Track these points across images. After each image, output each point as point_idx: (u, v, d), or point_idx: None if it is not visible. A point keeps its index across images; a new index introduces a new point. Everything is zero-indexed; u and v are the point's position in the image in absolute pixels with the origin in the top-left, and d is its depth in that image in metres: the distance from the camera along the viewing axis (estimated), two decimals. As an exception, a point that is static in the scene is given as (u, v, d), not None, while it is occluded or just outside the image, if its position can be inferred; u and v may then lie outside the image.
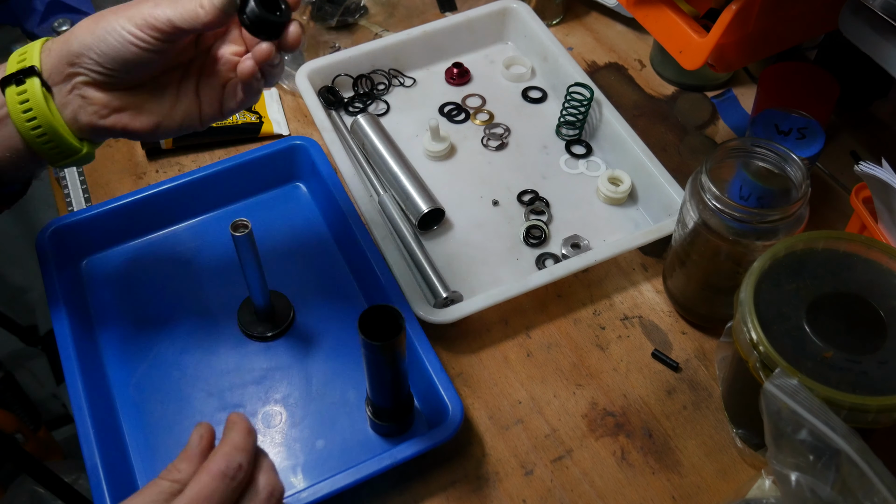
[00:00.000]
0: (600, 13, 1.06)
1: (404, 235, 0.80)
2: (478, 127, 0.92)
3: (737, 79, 0.98)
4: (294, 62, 0.96)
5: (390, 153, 0.84)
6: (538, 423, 0.70)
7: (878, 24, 0.62)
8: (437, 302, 0.75)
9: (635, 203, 0.84)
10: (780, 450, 0.52)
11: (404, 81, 0.96)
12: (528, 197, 0.85)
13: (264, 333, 0.74)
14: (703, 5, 0.73)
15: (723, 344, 0.67)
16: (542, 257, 0.80)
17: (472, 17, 0.96)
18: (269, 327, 0.75)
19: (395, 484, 0.67)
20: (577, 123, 0.88)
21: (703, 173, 0.64)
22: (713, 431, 0.70)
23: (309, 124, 0.94)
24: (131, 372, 0.73)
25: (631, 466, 0.68)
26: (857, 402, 0.52)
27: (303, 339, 0.75)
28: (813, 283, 0.59)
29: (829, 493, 0.49)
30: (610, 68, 0.99)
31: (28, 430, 1.28)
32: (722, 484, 0.67)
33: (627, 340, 0.75)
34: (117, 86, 0.60)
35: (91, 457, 0.63)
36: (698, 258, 0.70)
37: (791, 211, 0.63)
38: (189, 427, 0.69)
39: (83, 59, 0.58)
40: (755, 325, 0.56)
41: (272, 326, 0.75)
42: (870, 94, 0.92)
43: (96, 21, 0.58)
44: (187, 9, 0.57)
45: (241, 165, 0.82)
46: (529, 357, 0.74)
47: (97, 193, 0.88)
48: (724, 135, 0.92)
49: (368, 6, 1.05)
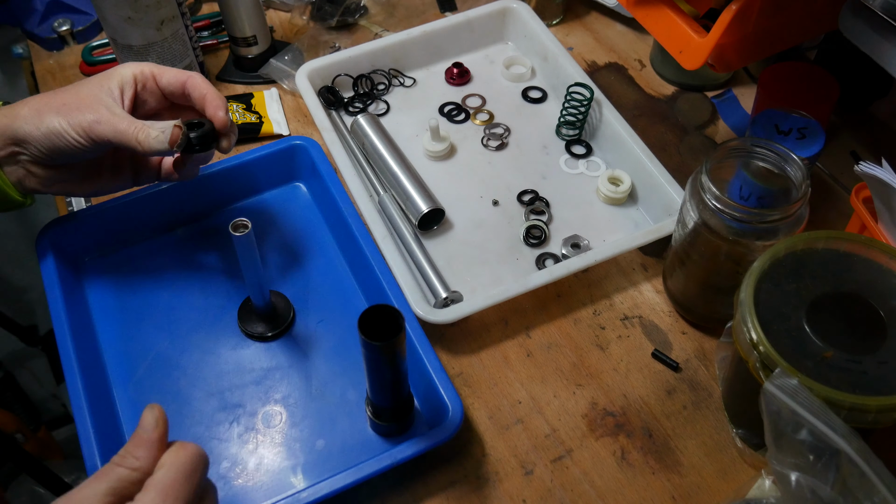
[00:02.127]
0: (600, 13, 1.06)
1: (404, 235, 0.80)
2: (478, 127, 0.92)
3: (737, 79, 0.98)
4: (294, 62, 0.96)
5: (390, 153, 0.84)
6: (538, 423, 0.70)
7: (878, 24, 0.62)
8: (437, 302, 0.75)
9: (635, 203, 0.84)
10: (780, 450, 0.52)
11: (404, 81, 0.96)
12: (528, 197, 0.85)
13: (264, 333, 0.74)
14: (703, 5, 0.73)
15: (723, 344, 0.67)
16: (542, 257, 0.80)
17: (472, 17, 0.96)
18: (270, 327, 0.74)
19: (394, 484, 0.67)
20: (577, 123, 0.88)
21: (703, 173, 0.64)
22: (713, 431, 0.70)
23: (309, 124, 0.94)
24: (131, 372, 0.73)
25: (631, 466, 0.68)
26: (857, 402, 0.52)
27: (303, 339, 0.75)
28: (813, 283, 0.59)
29: (829, 493, 0.49)
30: (610, 68, 0.99)
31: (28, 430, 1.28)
32: (722, 484, 0.67)
33: (627, 340, 0.75)
34: (59, 166, 0.66)
35: (91, 457, 0.63)
36: (698, 258, 0.70)
37: (791, 211, 0.63)
38: (189, 427, 0.69)
39: (27, 146, 0.63)
40: (755, 325, 0.56)
41: (272, 326, 0.75)
42: (870, 94, 0.92)
43: (40, 115, 0.62)
44: (125, 137, 0.63)
45: (240, 165, 0.82)
46: (529, 357, 0.74)
47: (97, 193, 0.88)
48: (724, 135, 0.92)
49: (368, 6, 1.05)
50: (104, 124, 0.62)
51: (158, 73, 0.67)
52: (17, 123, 0.63)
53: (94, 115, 0.62)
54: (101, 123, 0.62)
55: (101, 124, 0.62)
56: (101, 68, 0.99)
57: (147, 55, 0.88)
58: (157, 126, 0.63)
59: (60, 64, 1.02)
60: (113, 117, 0.63)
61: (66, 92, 0.65)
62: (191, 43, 0.92)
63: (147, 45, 0.87)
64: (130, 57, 0.89)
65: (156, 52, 0.88)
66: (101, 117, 0.62)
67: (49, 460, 1.28)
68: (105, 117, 0.62)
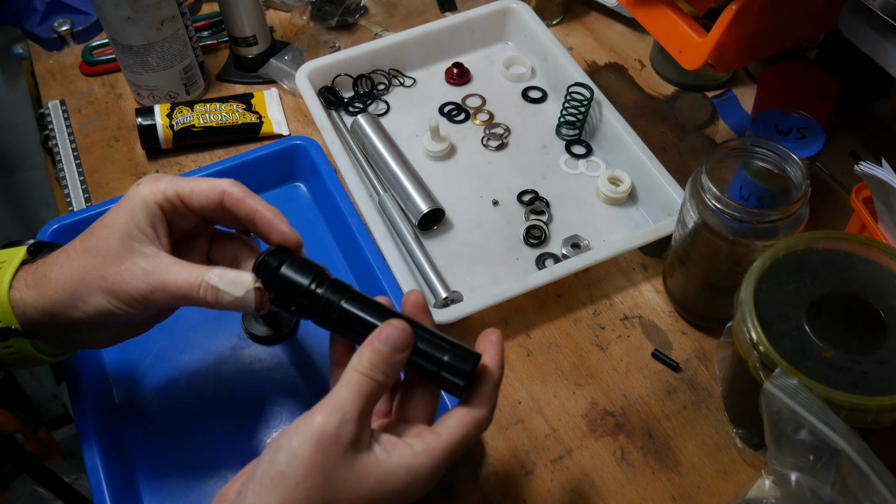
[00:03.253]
0: (600, 13, 1.06)
1: (404, 235, 0.80)
2: (478, 127, 0.92)
3: (737, 79, 0.98)
4: (294, 62, 0.96)
5: (390, 153, 0.84)
6: (538, 423, 0.70)
7: (878, 24, 0.62)
8: (437, 302, 0.75)
9: (635, 203, 0.84)
10: (780, 450, 0.52)
11: (404, 81, 0.96)
12: (528, 197, 0.85)
13: (267, 334, 0.74)
14: (703, 5, 0.73)
15: (723, 344, 0.67)
16: (542, 257, 0.80)
17: (472, 17, 0.96)
18: (273, 329, 0.74)
19: (395, 484, 0.67)
20: (577, 123, 0.88)
21: (703, 173, 0.64)
22: (713, 431, 0.70)
23: (309, 124, 0.94)
24: (131, 372, 0.73)
25: (631, 466, 0.68)
26: (857, 402, 0.52)
27: (305, 341, 0.75)
28: (813, 283, 0.59)
29: (829, 493, 0.49)
30: (610, 68, 0.99)
31: (28, 430, 1.28)
32: (722, 484, 0.67)
33: (627, 340, 0.75)
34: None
35: (91, 457, 0.63)
36: (698, 258, 0.70)
37: (791, 211, 0.63)
38: (189, 427, 0.69)
39: (60, 317, 0.55)
40: (755, 325, 0.56)
41: (276, 328, 0.74)
42: (870, 93, 0.92)
43: (78, 296, 0.53)
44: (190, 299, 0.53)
45: (241, 165, 0.82)
46: (529, 357, 0.74)
47: (97, 193, 0.88)
48: (724, 135, 0.92)
49: (368, 6, 1.05)
50: (159, 292, 0.53)
51: (186, 195, 0.55)
52: (54, 308, 0.54)
53: (144, 284, 0.53)
54: (155, 292, 0.53)
55: (155, 293, 0.53)
56: (101, 68, 1.00)
57: (147, 55, 0.88)
58: (225, 278, 0.53)
59: (60, 64, 1.02)
60: (165, 279, 0.53)
61: (95, 254, 0.54)
62: (191, 43, 0.92)
63: (147, 45, 0.87)
64: (130, 57, 0.89)
65: (156, 52, 0.88)
66: (153, 284, 0.53)
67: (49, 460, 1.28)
68: (157, 282, 0.53)
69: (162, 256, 0.54)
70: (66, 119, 0.95)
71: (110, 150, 0.92)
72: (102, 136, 0.93)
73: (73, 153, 0.92)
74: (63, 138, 0.93)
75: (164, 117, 0.88)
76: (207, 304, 0.53)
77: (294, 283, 0.52)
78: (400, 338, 0.49)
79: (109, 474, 0.63)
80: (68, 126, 0.95)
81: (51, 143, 0.94)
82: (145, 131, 0.88)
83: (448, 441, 0.49)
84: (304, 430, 0.46)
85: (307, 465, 0.45)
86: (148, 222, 0.54)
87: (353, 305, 0.51)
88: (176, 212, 0.55)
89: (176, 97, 0.94)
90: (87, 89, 0.99)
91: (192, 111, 0.90)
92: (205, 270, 0.53)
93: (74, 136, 0.93)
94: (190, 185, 0.55)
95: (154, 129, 0.88)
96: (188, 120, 0.89)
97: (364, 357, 0.48)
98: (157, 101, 0.93)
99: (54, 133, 0.94)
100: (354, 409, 0.46)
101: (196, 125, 0.89)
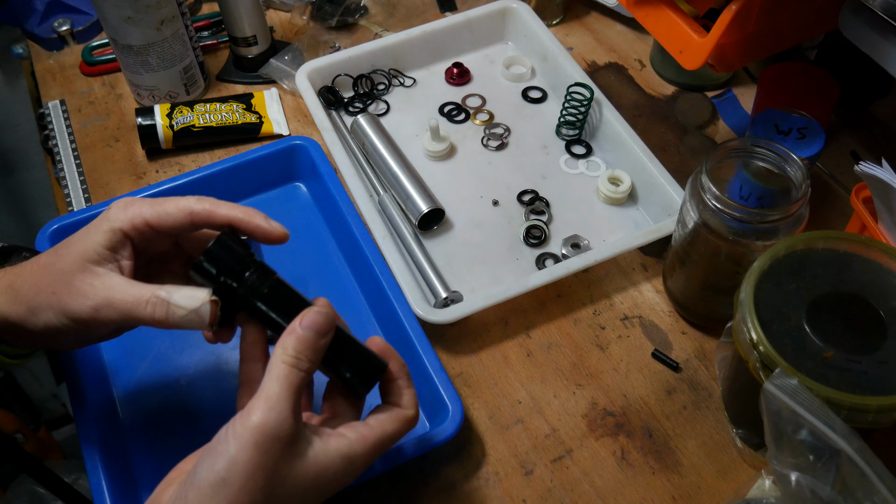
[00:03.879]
0: (600, 13, 1.06)
1: (404, 235, 0.80)
2: (478, 127, 0.92)
3: (737, 79, 0.98)
4: (294, 62, 0.96)
5: (390, 153, 0.84)
6: (538, 423, 0.70)
7: (878, 24, 0.62)
8: (437, 302, 0.75)
9: (635, 203, 0.84)
10: (780, 450, 0.52)
11: (404, 81, 0.96)
12: (528, 197, 0.85)
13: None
14: (703, 5, 0.73)
15: (723, 344, 0.67)
16: (542, 257, 0.80)
17: (472, 17, 0.96)
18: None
19: (394, 484, 0.67)
20: (577, 123, 0.88)
21: (703, 173, 0.64)
22: (713, 431, 0.70)
23: (309, 124, 0.94)
24: (131, 372, 0.73)
25: (631, 466, 0.68)
26: (857, 402, 0.52)
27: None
28: (813, 283, 0.59)
29: (829, 493, 0.49)
30: (610, 68, 0.99)
31: (28, 430, 1.28)
32: (722, 484, 0.67)
33: (627, 340, 0.75)
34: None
35: (91, 457, 0.63)
36: (698, 258, 0.70)
37: (791, 211, 0.63)
38: (189, 427, 0.69)
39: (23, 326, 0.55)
40: (755, 325, 0.56)
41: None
42: (870, 94, 0.92)
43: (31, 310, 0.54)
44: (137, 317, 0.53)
45: (241, 165, 0.82)
46: (529, 357, 0.74)
47: (97, 193, 0.88)
48: (724, 135, 0.92)
49: (368, 6, 1.05)
50: (104, 309, 0.52)
51: (155, 221, 0.55)
52: (18, 317, 0.55)
53: (90, 300, 0.53)
54: (100, 309, 0.52)
55: (100, 310, 0.52)
56: (102, 68, 1.00)
57: (147, 55, 0.88)
58: (177, 292, 0.52)
59: (60, 64, 1.02)
60: (111, 297, 0.53)
61: (51, 270, 0.54)
62: (191, 43, 0.92)
63: (147, 45, 0.87)
64: (130, 57, 0.89)
65: (156, 52, 0.88)
66: (99, 302, 0.52)
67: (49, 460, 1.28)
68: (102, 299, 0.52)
69: (113, 276, 0.54)
70: (66, 119, 0.95)
71: (110, 150, 0.92)
72: (102, 136, 0.93)
73: (73, 153, 0.92)
74: (63, 138, 0.93)
75: (164, 117, 0.89)
76: (155, 320, 0.52)
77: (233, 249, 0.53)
78: (324, 322, 0.50)
79: (109, 474, 0.63)
80: (68, 126, 0.95)
81: (51, 143, 0.94)
82: (145, 131, 0.88)
83: (381, 432, 0.52)
84: (241, 432, 0.46)
85: (248, 468, 0.46)
86: (107, 245, 0.54)
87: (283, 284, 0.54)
88: (144, 237, 0.56)
89: (176, 97, 0.94)
90: (87, 89, 0.99)
91: (192, 111, 0.90)
92: (157, 289, 0.53)
93: (74, 136, 0.93)
94: (156, 209, 0.55)
95: (154, 129, 0.88)
96: (188, 120, 0.89)
97: (289, 346, 0.49)
98: (157, 101, 0.93)
99: (54, 133, 0.94)
100: (288, 404, 0.47)
101: (196, 125, 0.89)
